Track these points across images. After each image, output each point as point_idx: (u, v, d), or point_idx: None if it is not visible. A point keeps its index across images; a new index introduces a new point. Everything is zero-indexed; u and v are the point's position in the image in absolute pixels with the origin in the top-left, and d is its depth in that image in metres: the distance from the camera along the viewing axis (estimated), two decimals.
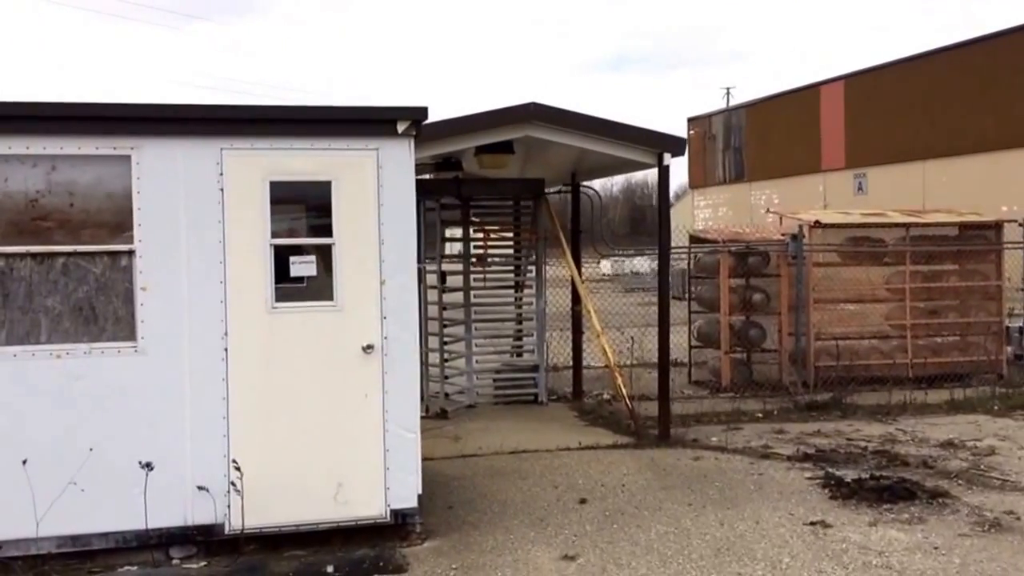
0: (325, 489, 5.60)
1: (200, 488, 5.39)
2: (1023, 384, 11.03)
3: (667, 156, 8.12)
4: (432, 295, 9.90)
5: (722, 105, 59.93)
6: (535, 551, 5.65)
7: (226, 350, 5.45)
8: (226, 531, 5.45)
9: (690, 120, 44.39)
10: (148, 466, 5.17)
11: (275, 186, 5.51)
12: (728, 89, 70.38)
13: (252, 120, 5.51)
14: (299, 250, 5.63)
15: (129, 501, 5.26)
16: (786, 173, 40.47)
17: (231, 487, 5.41)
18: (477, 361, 10.52)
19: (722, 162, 43.47)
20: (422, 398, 8.74)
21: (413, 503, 5.74)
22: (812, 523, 6.01)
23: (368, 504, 5.68)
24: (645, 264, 36.66)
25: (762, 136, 42.45)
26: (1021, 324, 12.08)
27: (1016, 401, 9.96)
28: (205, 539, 5.45)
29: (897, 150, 33.63)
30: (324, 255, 5.61)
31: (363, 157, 5.59)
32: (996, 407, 9.75)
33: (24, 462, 5.13)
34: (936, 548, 5.50)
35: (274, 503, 5.51)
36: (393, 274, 5.65)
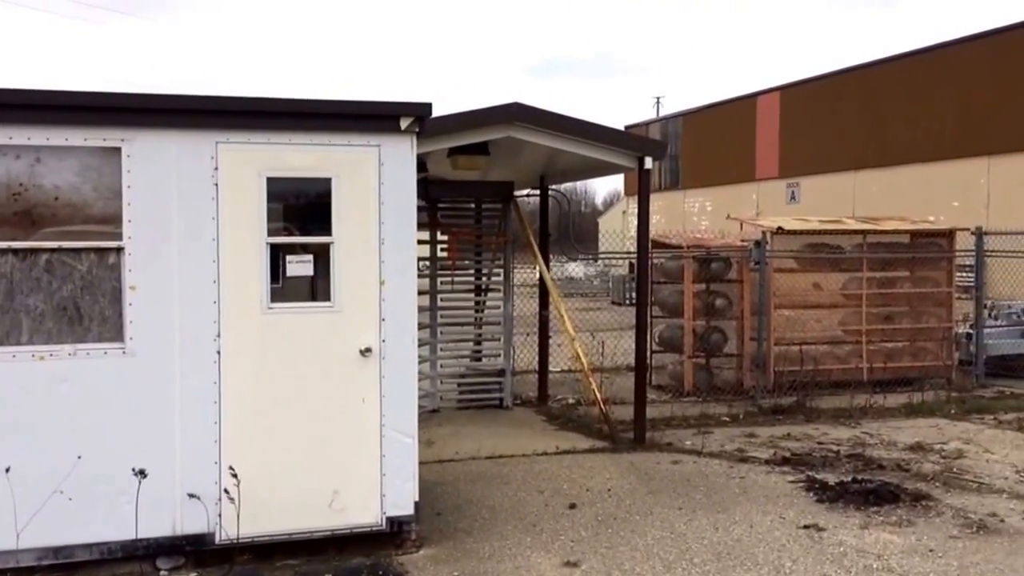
0: (320, 496, 5.41)
1: (190, 496, 5.16)
2: (972, 389, 11.40)
3: (648, 160, 8.12)
4: None
5: (652, 115, 60.82)
6: (535, 557, 5.57)
7: (219, 352, 5.23)
8: (217, 540, 5.22)
9: (627, 128, 44.83)
10: (141, 473, 4.92)
11: (272, 182, 5.31)
12: (658, 98, 71.57)
13: (249, 112, 5.29)
14: (296, 249, 5.44)
15: (116, 510, 5.01)
16: (720, 181, 41.24)
17: (224, 494, 5.18)
18: (442, 365, 10.39)
19: (658, 169, 44.02)
20: None
21: (410, 510, 5.59)
22: (805, 526, 6.05)
23: (364, 511, 5.51)
24: (580, 269, 36.85)
25: (698, 144, 43.19)
26: (967, 330, 12.44)
27: (971, 405, 10.26)
28: (195, 549, 5.22)
29: (829, 160, 34.55)
30: (322, 255, 5.43)
31: (364, 154, 5.43)
32: (953, 411, 10.01)
33: (7, 470, 4.83)
34: (932, 551, 5.59)
35: (268, 511, 5.30)
36: (393, 275, 5.50)
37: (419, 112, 5.44)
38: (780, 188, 37.76)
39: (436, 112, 5.71)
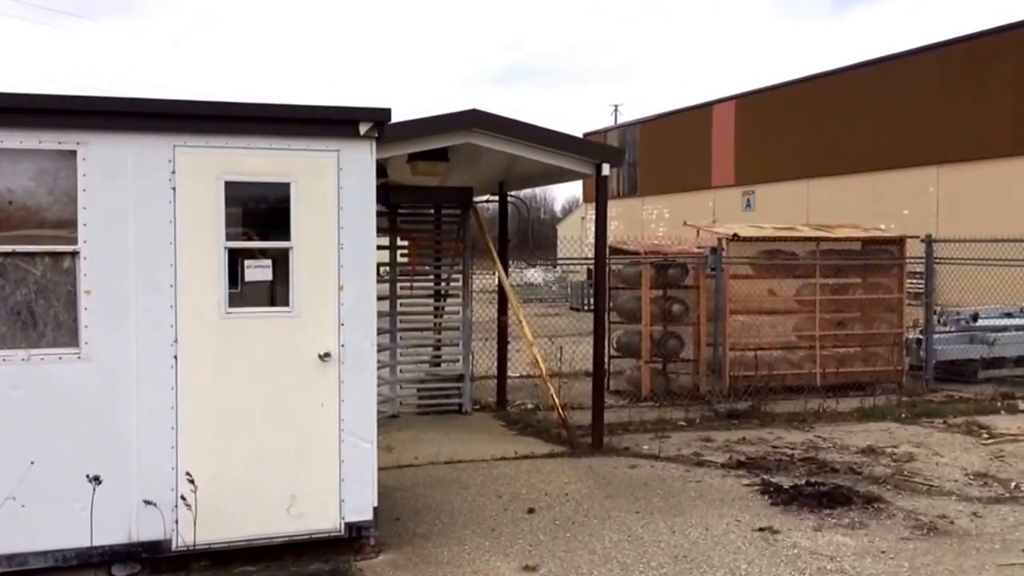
0: (279, 502, 5.39)
1: (147, 502, 5.11)
2: (923, 393, 11.64)
3: (606, 167, 8.20)
4: None
5: (609, 122, 61.35)
6: (494, 562, 5.59)
7: (176, 357, 5.18)
8: (174, 547, 5.17)
9: (586, 135, 45.10)
10: (96, 480, 4.86)
11: (230, 186, 5.28)
12: (616, 106, 72.11)
13: (208, 117, 5.26)
14: (255, 253, 5.41)
15: (71, 517, 4.94)
16: (677, 189, 41.66)
17: (181, 501, 5.14)
18: (402, 370, 10.38)
19: (616, 177, 44.35)
20: None
21: (369, 516, 5.59)
22: (760, 529, 6.15)
23: (323, 517, 5.50)
24: (539, 275, 37.00)
25: (655, 152, 43.59)
26: (917, 336, 12.70)
27: (921, 409, 10.48)
28: (151, 556, 5.16)
29: (783, 168, 35.06)
30: (281, 259, 5.41)
31: (323, 159, 5.42)
32: (903, 415, 10.22)
33: None
34: (883, 552, 5.71)
35: (225, 517, 5.26)
36: (352, 280, 5.50)
37: (378, 118, 5.45)
38: (736, 196, 38.26)
39: (396, 118, 5.73)
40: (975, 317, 13.46)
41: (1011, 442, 8.91)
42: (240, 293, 5.37)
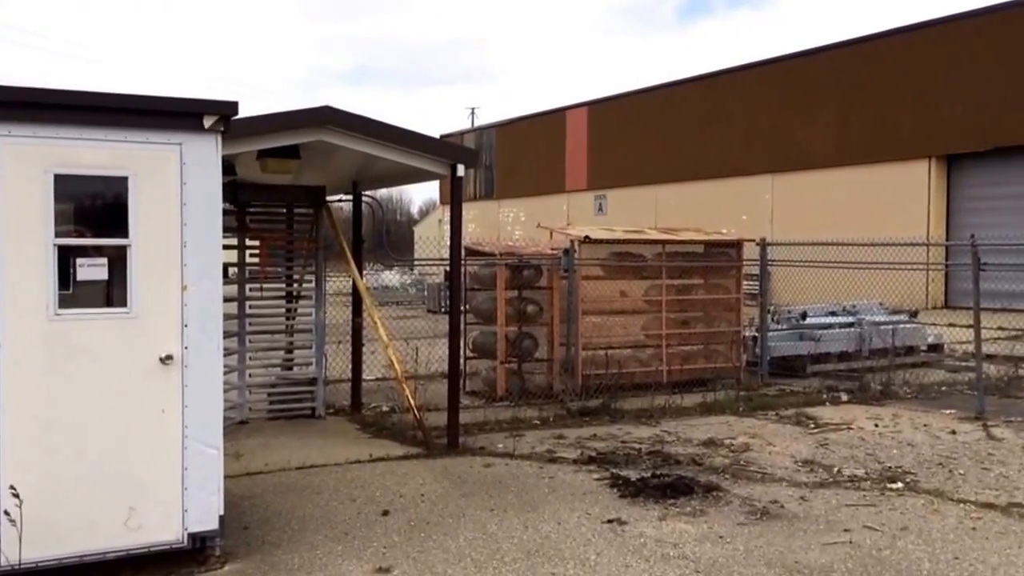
0: (115, 514, 5.13)
1: None
2: (758, 387, 12.26)
3: (460, 167, 8.23)
4: None
5: (467, 125, 61.71)
6: (346, 565, 5.51)
7: None
8: None
9: (442, 137, 45.17)
10: None
11: (61, 180, 4.99)
12: (473, 109, 72.63)
13: (32, 105, 4.94)
14: (89, 251, 5.14)
15: None
16: (533, 192, 42.33)
17: (4, 516, 4.81)
18: (251, 375, 10.08)
19: (473, 179, 44.64)
20: None
21: (214, 525, 5.40)
22: (609, 521, 6.32)
23: (164, 528, 5.27)
24: (395, 278, 36.78)
25: (511, 156, 44.12)
26: (753, 334, 13.38)
27: (757, 403, 11.03)
28: None
29: (634, 174, 36.20)
30: (119, 258, 5.15)
31: (164, 152, 5.20)
32: (741, 408, 10.74)
33: None
34: (721, 537, 5.98)
35: (55, 533, 4.96)
36: (196, 279, 5.30)
37: (224, 111, 5.28)
38: (589, 200, 39.25)
39: (249, 113, 5.57)
40: (804, 316, 14.32)
41: (834, 431, 9.52)
42: (72, 294, 5.08)
